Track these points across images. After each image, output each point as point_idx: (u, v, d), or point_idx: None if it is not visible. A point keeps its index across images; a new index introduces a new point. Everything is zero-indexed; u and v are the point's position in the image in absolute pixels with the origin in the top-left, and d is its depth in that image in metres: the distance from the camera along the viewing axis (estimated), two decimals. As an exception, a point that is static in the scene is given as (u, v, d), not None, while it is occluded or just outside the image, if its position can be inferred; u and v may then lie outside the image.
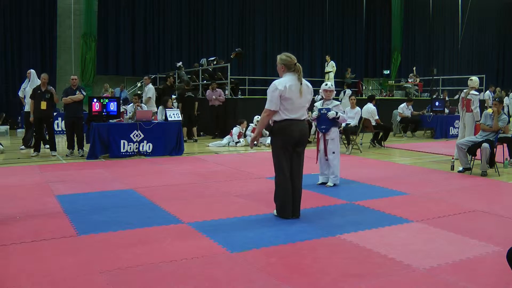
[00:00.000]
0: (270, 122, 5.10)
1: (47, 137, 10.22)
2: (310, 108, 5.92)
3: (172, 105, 12.22)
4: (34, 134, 10.38)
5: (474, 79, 10.28)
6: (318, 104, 7.15)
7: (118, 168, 8.49)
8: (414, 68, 21.24)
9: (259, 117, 12.30)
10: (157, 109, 12.28)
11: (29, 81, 11.59)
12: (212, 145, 12.13)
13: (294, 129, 4.96)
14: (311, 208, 5.49)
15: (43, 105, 9.78)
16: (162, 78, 16.95)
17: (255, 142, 5.13)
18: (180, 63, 17.06)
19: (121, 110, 10.68)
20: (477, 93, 10.09)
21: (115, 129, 9.73)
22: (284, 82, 4.90)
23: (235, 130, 12.40)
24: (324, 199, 6.03)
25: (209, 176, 7.70)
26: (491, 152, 7.76)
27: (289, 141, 4.98)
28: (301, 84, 4.95)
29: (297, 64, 4.99)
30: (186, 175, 7.78)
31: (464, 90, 10.35)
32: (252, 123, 12.58)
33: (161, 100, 12.48)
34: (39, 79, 10.62)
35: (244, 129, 12.54)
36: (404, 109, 15.14)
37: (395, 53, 25.55)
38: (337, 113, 6.88)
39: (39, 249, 4.06)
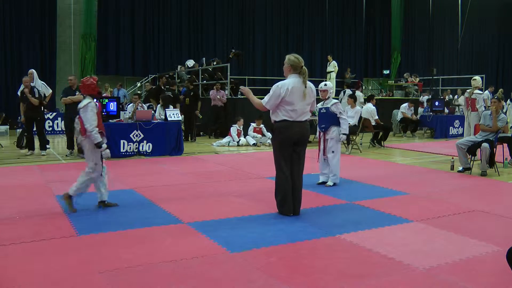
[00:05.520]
0: (272, 121, 5.17)
1: (38, 136, 10.24)
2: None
3: (159, 103, 12.23)
4: (25, 134, 10.41)
5: (478, 79, 10.36)
6: (319, 104, 7.16)
7: (118, 168, 8.47)
8: (405, 74, 21.22)
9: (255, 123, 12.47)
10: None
11: (31, 81, 11.58)
12: (216, 144, 12.28)
13: (294, 130, 5.01)
14: (310, 208, 5.49)
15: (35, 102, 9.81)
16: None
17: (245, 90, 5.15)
18: (191, 62, 17.11)
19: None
20: (481, 92, 10.18)
21: (115, 129, 9.72)
22: (286, 85, 4.95)
23: (233, 129, 12.42)
24: (324, 199, 6.03)
25: (209, 176, 7.70)
26: (491, 152, 7.75)
27: (288, 141, 5.04)
28: (305, 87, 4.99)
29: (304, 67, 5.04)
30: (186, 175, 7.78)
31: (468, 90, 10.42)
32: (254, 123, 12.61)
33: (162, 99, 12.47)
34: (39, 79, 10.64)
35: (241, 126, 12.57)
36: (406, 109, 15.16)
37: (395, 53, 25.54)
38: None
39: (39, 249, 4.06)
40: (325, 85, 7.10)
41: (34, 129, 10.43)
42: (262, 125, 12.56)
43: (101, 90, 5.82)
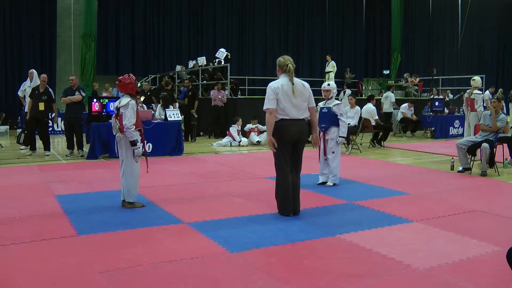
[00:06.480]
0: None
1: (39, 137, 10.20)
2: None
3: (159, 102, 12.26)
4: (25, 132, 10.39)
5: (477, 79, 10.40)
6: (321, 104, 7.17)
7: (117, 168, 8.41)
8: (405, 74, 21.22)
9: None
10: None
11: (30, 81, 11.60)
12: (216, 145, 12.29)
13: (292, 129, 5.04)
14: (311, 208, 5.49)
15: (41, 106, 9.80)
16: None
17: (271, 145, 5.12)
18: (194, 62, 17.16)
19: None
20: (481, 92, 10.22)
21: (115, 129, 9.70)
22: (277, 84, 5.05)
23: (232, 129, 12.41)
24: (324, 199, 6.03)
25: (209, 176, 7.70)
26: (491, 152, 7.75)
27: (287, 140, 5.06)
28: (292, 84, 5.03)
29: (289, 65, 5.10)
30: (186, 175, 7.78)
31: (468, 90, 10.46)
32: (250, 123, 12.62)
33: (162, 99, 12.48)
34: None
35: (240, 126, 12.57)
36: (406, 109, 15.17)
37: (395, 53, 25.52)
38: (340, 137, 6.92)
39: (39, 249, 4.06)
40: (329, 85, 7.16)
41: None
42: (257, 124, 12.57)
43: (139, 89, 5.82)
